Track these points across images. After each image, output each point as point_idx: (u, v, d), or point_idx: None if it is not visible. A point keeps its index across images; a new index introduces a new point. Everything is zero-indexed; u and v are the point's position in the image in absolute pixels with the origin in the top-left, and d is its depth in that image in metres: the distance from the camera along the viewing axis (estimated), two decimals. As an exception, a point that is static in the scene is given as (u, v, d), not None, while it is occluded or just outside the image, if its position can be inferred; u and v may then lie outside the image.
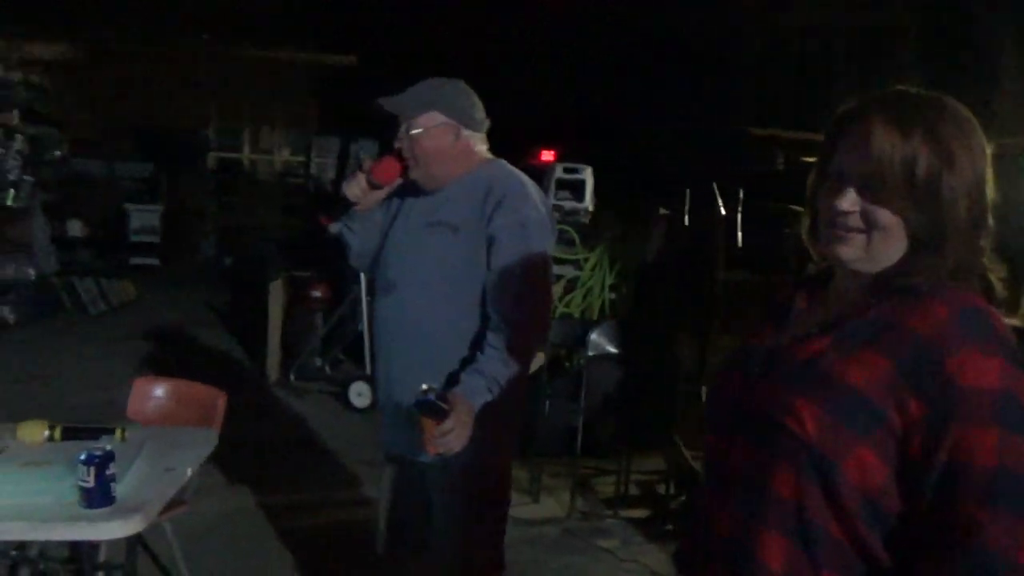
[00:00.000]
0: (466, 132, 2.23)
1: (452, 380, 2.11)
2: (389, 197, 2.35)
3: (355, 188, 2.24)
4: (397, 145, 2.23)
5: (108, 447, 2.08)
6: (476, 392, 2.06)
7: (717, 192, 4.38)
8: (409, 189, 2.32)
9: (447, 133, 2.20)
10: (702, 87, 7.74)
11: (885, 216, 1.13)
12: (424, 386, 1.92)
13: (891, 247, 1.15)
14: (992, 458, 0.99)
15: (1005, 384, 1.03)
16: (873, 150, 1.12)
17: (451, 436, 1.95)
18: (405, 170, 2.25)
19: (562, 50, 9.79)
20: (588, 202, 4.72)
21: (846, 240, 1.16)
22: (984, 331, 1.06)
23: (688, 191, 4.69)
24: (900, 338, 1.08)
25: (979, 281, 1.16)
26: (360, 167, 2.27)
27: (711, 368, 4.34)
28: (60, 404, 5.63)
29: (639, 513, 4.29)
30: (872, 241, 1.15)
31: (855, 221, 1.15)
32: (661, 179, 5.80)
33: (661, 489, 4.47)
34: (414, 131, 2.19)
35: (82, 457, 2.01)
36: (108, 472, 2.02)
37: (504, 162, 2.31)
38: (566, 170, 4.72)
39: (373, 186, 2.24)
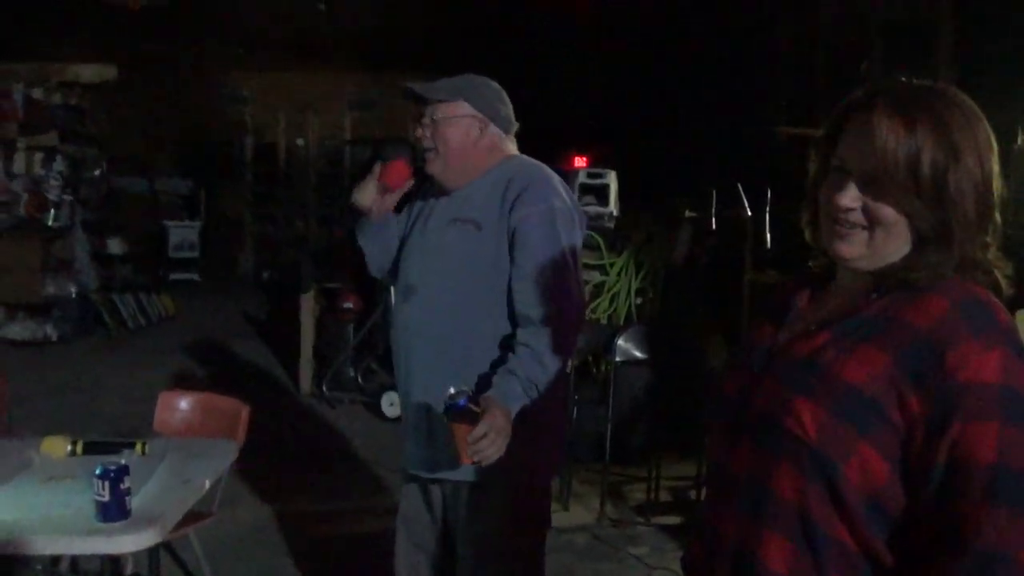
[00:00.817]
0: (493, 128, 2.13)
1: (483, 385, 1.96)
2: (411, 202, 2.26)
3: (365, 195, 2.15)
4: (419, 133, 2.13)
5: (123, 461, 2.11)
6: (511, 395, 1.91)
7: (742, 193, 4.32)
8: (430, 191, 2.22)
9: (473, 125, 2.10)
10: (730, 85, 7.66)
11: (888, 212, 1.09)
12: (452, 389, 1.80)
13: (894, 244, 1.11)
14: (993, 454, 0.97)
15: (1007, 377, 1.00)
16: (876, 144, 1.08)
17: (485, 442, 1.80)
18: (415, 174, 2.16)
19: (586, 52, 9.76)
20: (613, 206, 4.68)
21: (847, 237, 1.13)
22: (985, 322, 1.03)
23: (714, 192, 4.63)
24: (900, 332, 1.05)
25: (984, 277, 1.12)
26: (370, 173, 2.17)
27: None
28: (98, 416, 5.76)
29: (670, 520, 4.24)
30: (874, 238, 1.11)
31: (856, 217, 1.11)
32: (689, 181, 5.75)
33: (692, 495, 4.42)
34: (439, 116, 2.09)
35: (97, 471, 2.04)
36: (123, 486, 2.04)
37: (526, 157, 2.19)
38: (590, 175, 4.68)
39: (383, 191, 2.14)
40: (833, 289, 1.22)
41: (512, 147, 2.19)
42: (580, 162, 5.39)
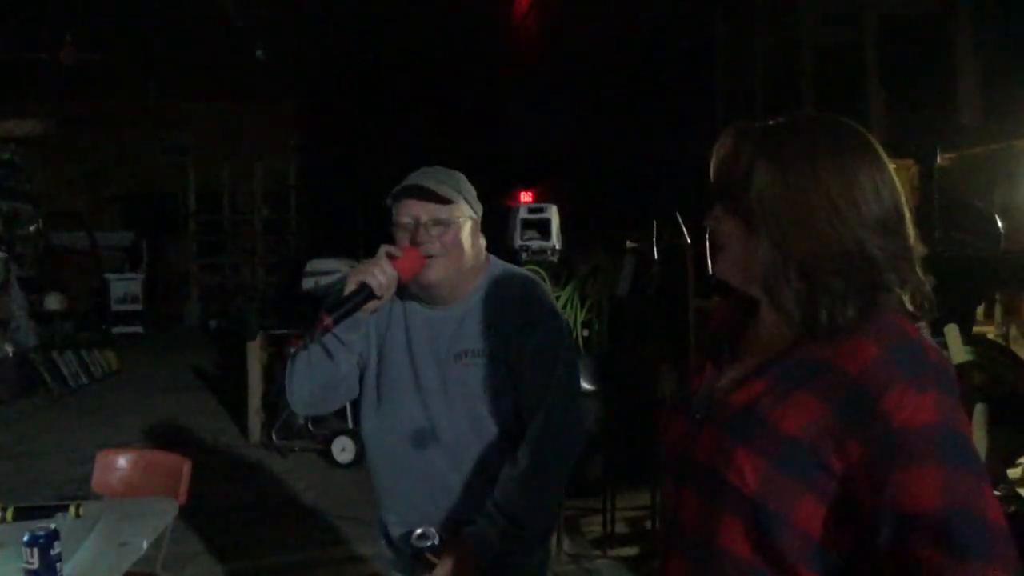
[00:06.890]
0: (478, 227, 1.92)
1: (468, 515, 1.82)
2: (381, 318, 1.94)
3: (381, 276, 1.73)
4: (421, 237, 1.81)
5: (53, 526, 2.03)
6: (483, 541, 1.77)
7: (682, 222, 4.35)
8: (410, 309, 1.92)
9: (476, 227, 1.90)
10: (670, 114, 7.79)
11: (728, 223, 1.14)
12: (419, 530, 1.74)
13: (747, 251, 1.12)
14: (938, 499, 0.96)
15: (942, 419, 0.99)
16: (713, 164, 1.17)
17: None
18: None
19: (531, 91, 9.88)
20: (555, 240, 4.67)
21: (715, 257, 1.17)
22: (916, 364, 1.02)
23: (655, 223, 4.65)
24: (833, 379, 1.05)
25: (899, 306, 1.10)
26: (387, 254, 1.79)
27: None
28: (41, 481, 5.57)
29: (628, 551, 4.22)
30: (730, 250, 1.15)
31: (715, 236, 1.16)
32: (631, 213, 5.79)
33: (648, 526, 4.39)
34: (445, 217, 1.82)
35: (25, 538, 1.96)
36: (53, 552, 1.97)
37: (497, 259, 1.99)
38: (531, 210, 4.67)
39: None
40: (759, 322, 1.21)
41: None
42: (526, 197, 5.39)
